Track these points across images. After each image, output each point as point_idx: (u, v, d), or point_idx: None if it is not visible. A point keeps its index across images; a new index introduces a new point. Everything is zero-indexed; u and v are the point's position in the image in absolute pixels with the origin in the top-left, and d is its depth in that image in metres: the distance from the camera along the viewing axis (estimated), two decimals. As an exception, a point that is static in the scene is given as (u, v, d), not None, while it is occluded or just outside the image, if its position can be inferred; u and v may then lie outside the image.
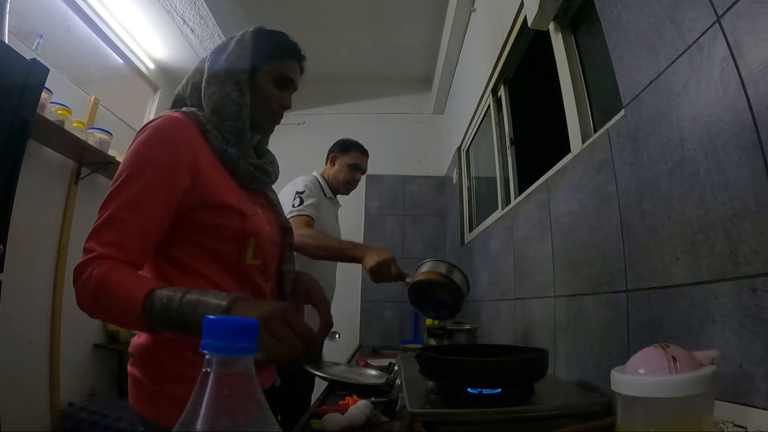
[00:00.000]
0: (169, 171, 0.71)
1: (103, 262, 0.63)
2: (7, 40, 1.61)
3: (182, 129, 0.75)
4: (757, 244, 0.53)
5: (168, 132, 0.73)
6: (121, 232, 0.67)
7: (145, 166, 0.70)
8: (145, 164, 0.70)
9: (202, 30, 2.56)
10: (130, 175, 0.69)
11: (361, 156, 1.94)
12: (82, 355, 2.22)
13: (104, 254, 0.64)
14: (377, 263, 1.43)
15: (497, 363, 0.86)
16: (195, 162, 0.73)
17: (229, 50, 0.84)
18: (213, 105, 0.81)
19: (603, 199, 0.92)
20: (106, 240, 0.66)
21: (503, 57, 1.82)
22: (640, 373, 0.46)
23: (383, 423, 0.90)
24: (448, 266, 1.39)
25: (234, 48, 0.84)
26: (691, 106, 0.66)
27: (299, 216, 1.62)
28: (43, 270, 2.01)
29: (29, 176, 1.80)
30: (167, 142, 0.72)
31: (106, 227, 0.67)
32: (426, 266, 1.41)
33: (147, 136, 0.72)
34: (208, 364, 0.31)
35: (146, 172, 0.69)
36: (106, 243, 0.65)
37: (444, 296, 1.37)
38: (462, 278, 1.37)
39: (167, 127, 0.74)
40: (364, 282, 3.22)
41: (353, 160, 1.91)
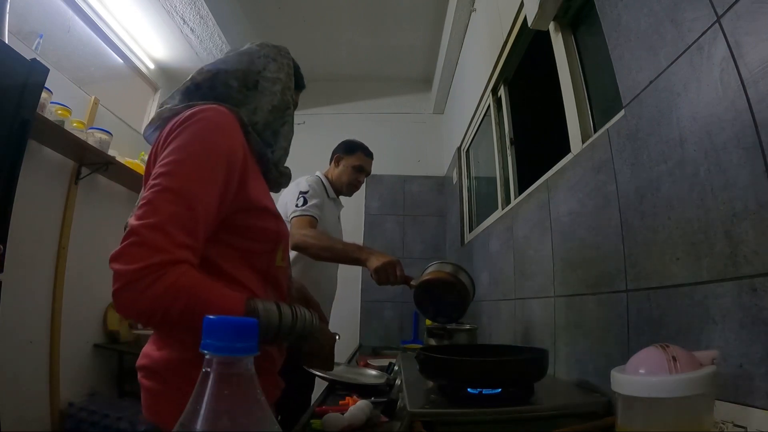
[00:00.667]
0: (230, 169, 0.68)
1: (185, 270, 0.59)
2: (7, 40, 1.61)
3: (235, 127, 0.72)
4: (757, 244, 0.53)
5: (226, 126, 0.70)
6: (193, 233, 0.62)
7: (208, 161, 0.66)
8: (208, 159, 0.66)
9: (202, 30, 2.56)
10: (196, 169, 0.64)
11: (366, 158, 1.94)
12: (82, 355, 2.22)
13: (179, 259, 0.59)
14: (382, 264, 1.42)
15: (497, 363, 0.86)
16: (243, 161, 0.71)
17: (278, 62, 0.86)
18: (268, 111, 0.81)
19: (603, 199, 0.92)
20: (181, 241, 0.60)
21: (503, 57, 1.82)
22: (640, 373, 0.46)
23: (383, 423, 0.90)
24: (454, 267, 1.39)
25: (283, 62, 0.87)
26: (691, 106, 0.66)
27: (303, 216, 1.62)
28: (43, 270, 2.01)
29: (29, 176, 1.80)
30: (226, 137, 0.69)
31: (178, 224, 0.60)
32: (432, 267, 1.41)
33: (205, 129, 0.67)
34: (208, 364, 0.31)
35: (211, 169, 0.65)
36: (181, 245, 0.59)
37: (450, 297, 1.36)
38: (468, 279, 1.37)
39: (225, 122, 0.70)
40: (364, 282, 3.21)
41: (358, 162, 1.90)
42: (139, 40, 2.68)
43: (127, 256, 0.57)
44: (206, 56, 2.81)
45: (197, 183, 0.63)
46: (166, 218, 0.59)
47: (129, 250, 0.57)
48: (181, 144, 0.65)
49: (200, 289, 0.59)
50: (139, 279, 0.55)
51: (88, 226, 2.26)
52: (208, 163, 0.66)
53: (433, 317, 1.45)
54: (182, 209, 0.61)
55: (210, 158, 0.66)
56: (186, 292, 0.57)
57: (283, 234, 0.79)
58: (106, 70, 2.61)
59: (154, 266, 0.56)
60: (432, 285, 1.35)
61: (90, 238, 2.27)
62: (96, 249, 2.33)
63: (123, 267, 0.56)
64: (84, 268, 2.21)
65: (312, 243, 1.52)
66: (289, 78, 0.87)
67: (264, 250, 0.76)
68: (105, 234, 2.40)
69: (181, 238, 0.60)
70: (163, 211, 0.60)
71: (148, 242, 0.57)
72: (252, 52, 0.85)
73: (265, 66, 0.84)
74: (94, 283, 2.31)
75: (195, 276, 0.60)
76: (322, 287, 1.75)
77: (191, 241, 0.61)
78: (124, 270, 0.56)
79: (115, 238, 0.60)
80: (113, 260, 0.57)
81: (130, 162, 2.38)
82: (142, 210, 0.60)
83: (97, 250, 2.34)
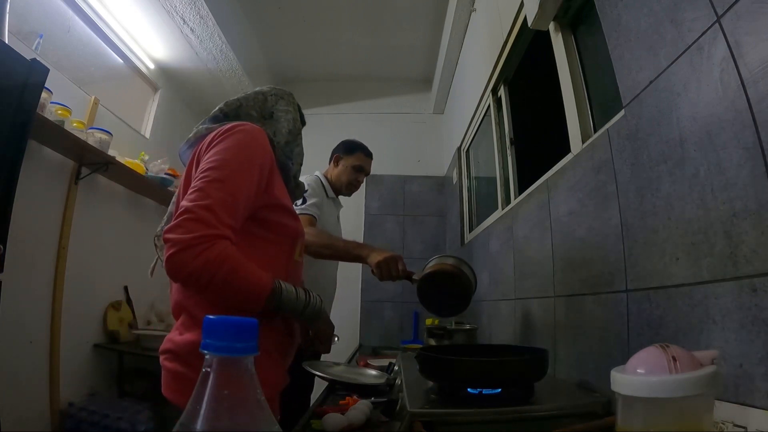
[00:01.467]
0: (262, 171, 0.82)
1: (228, 244, 0.72)
2: (7, 40, 1.61)
3: (266, 139, 0.88)
4: (757, 244, 0.53)
5: (260, 138, 0.85)
6: (235, 217, 0.75)
7: (249, 162, 0.80)
8: (249, 161, 0.80)
9: (202, 30, 2.55)
10: (238, 167, 0.78)
11: (365, 158, 1.94)
12: (82, 355, 2.22)
13: (225, 235, 0.72)
14: (384, 259, 1.44)
15: (497, 363, 0.86)
16: (271, 167, 0.86)
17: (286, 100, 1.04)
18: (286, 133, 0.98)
19: (603, 199, 0.92)
20: (226, 222, 0.73)
21: (503, 57, 1.82)
22: (640, 373, 0.46)
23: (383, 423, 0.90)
24: (456, 259, 1.40)
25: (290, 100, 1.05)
26: (691, 106, 0.66)
27: (302, 214, 1.62)
28: (43, 270, 2.01)
29: (29, 176, 1.80)
30: (260, 146, 0.84)
31: (224, 207, 0.73)
32: (434, 261, 1.41)
33: (245, 137, 0.83)
34: (208, 364, 0.31)
35: (249, 168, 0.79)
36: (226, 224, 0.72)
37: (453, 289, 1.36)
38: (470, 271, 1.38)
39: (258, 134, 0.86)
40: (364, 282, 3.22)
41: (358, 162, 1.90)
42: (139, 40, 2.68)
43: (183, 227, 0.69)
44: (206, 56, 2.81)
45: (239, 176, 0.77)
46: (215, 201, 0.72)
47: (185, 223, 0.69)
48: (226, 147, 0.80)
49: (240, 263, 0.72)
50: (194, 245, 0.68)
51: (88, 226, 2.26)
52: (246, 163, 0.80)
53: (437, 311, 1.45)
54: (227, 195, 0.74)
55: (248, 159, 0.80)
56: (229, 262, 0.70)
57: (300, 232, 0.92)
58: (106, 70, 2.61)
59: (207, 237, 0.69)
60: (435, 277, 1.36)
61: (90, 238, 2.27)
62: (96, 249, 2.33)
63: (179, 236, 0.68)
64: (84, 268, 2.21)
65: (312, 241, 1.52)
66: (297, 113, 1.05)
67: (283, 242, 0.88)
68: (105, 234, 2.40)
69: (226, 219, 0.73)
70: (213, 196, 0.73)
71: (201, 218, 0.70)
72: (265, 92, 1.02)
73: (276, 102, 1.02)
74: (94, 284, 2.31)
75: (236, 251, 0.73)
76: (322, 287, 1.75)
77: (233, 222, 0.74)
78: (180, 238, 0.68)
79: (115, 238, 0.61)
80: (169, 231, 0.69)
81: (130, 162, 2.38)
82: (194, 195, 0.73)
83: (97, 250, 2.34)
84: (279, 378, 0.88)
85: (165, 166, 2.64)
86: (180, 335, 0.80)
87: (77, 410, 2.02)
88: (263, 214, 0.84)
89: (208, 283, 0.70)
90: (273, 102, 1.02)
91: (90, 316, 2.30)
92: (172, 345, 0.80)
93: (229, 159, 0.78)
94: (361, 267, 3.25)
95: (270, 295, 0.76)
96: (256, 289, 0.75)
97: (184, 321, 0.82)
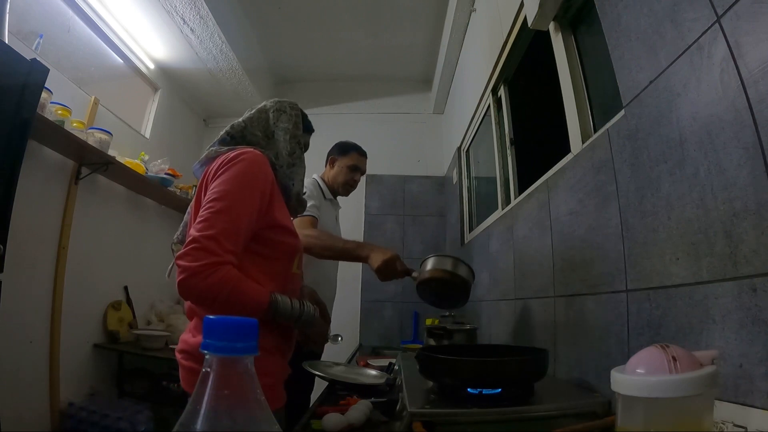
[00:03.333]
0: (262, 197, 0.91)
1: (230, 269, 0.82)
2: (7, 40, 1.61)
3: (267, 166, 0.96)
4: (757, 244, 0.53)
5: (262, 167, 0.94)
6: (236, 243, 0.85)
7: (250, 191, 0.90)
8: (250, 190, 0.90)
9: (202, 30, 2.55)
10: (240, 196, 0.88)
11: (360, 157, 1.94)
12: (82, 355, 2.22)
13: (228, 261, 0.82)
14: (383, 263, 1.46)
15: (497, 363, 0.86)
16: (272, 191, 0.95)
17: (288, 114, 1.10)
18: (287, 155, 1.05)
19: (603, 199, 0.92)
20: (228, 248, 0.82)
21: (503, 57, 1.82)
22: (640, 373, 0.46)
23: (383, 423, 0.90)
24: (452, 261, 1.41)
25: (292, 113, 1.11)
26: (691, 106, 0.66)
27: (302, 216, 1.63)
28: (43, 270, 2.01)
29: (29, 176, 1.80)
30: (261, 173, 0.93)
31: (226, 236, 0.83)
32: (430, 263, 1.43)
33: (246, 167, 0.91)
34: (208, 364, 0.31)
35: (250, 196, 0.89)
36: (228, 251, 0.82)
37: (451, 291, 1.41)
38: (467, 270, 1.40)
39: (260, 162, 0.94)
40: (364, 282, 3.22)
41: (352, 162, 1.91)
42: (139, 40, 2.68)
43: (190, 256, 0.79)
44: (206, 56, 2.81)
45: (240, 205, 0.87)
46: (219, 231, 0.82)
47: (192, 252, 0.80)
48: (229, 177, 0.89)
49: (239, 282, 0.82)
50: (199, 272, 0.78)
51: (88, 226, 2.26)
52: (247, 191, 0.89)
53: (437, 305, 1.53)
54: (229, 225, 0.84)
55: (248, 187, 0.90)
56: (230, 284, 0.80)
57: (297, 248, 1.01)
58: (106, 70, 2.61)
59: (210, 265, 0.79)
60: (432, 282, 1.39)
61: (90, 238, 2.27)
62: (96, 249, 2.33)
63: (187, 264, 0.79)
64: (84, 268, 2.21)
65: (314, 243, 1.54)
66: (297, 127, 1.11)
67: (282, 258, 0.97)
68: (105, 234, 2.39)
69: (228, 246, 0.82)
70: (217, 226, 0.82)
71: (206, 248, 0.80)
72: (267, 109, 1.10)
73: (278, 118, 1.08)
74: (94, 284, 2.31)
75: (237, 274, 0.83)
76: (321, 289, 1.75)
77: (234, 248, 0.84)
78: (188, 266, 0.79)
79: (115, 238, 0.62)
80: (180, 258, 0.80)
81: (130, 162, 2.38)
82: (201, 225, 0.83)
83: (97, 250, 2.34)
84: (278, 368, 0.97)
85: (165, 166, 2.64)
86: (193, 337, 0.92)
87: (77, 410, 2.01)
88: (265, 233, 0.94)
89: (212, 302, 0.81)
90: (275, 119, 1.09)
91: (90, 316, 2.30)
92: (187, 346, 0.91)
93: (231, 189, 0.87)
94: (361, 267, 3.25)
95: (267, 309, 0.86)
96: (255, 305, 0.85)
97: (196, 324, 0.94)
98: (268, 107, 1.10)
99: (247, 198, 0.89)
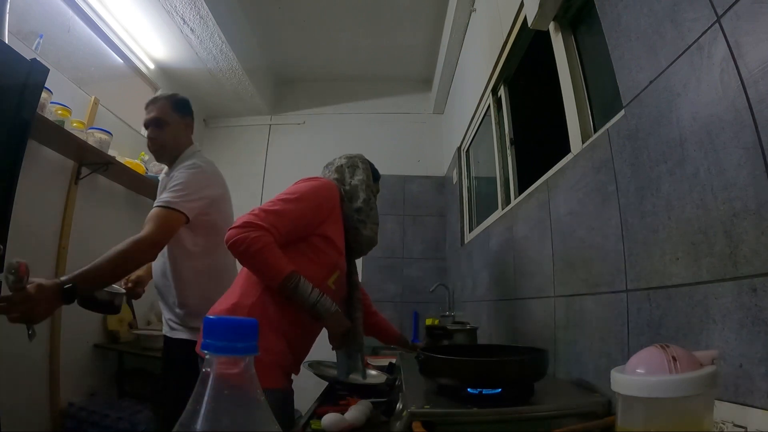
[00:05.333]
0: (318, 211, 1.15)
1: (267, 233, 1.02)
2: (7, 40, 1.61)
3: (334, 193, 1.22)
4: (757, 244, 0.53)
5: (329, 190, 1.21)
6: (280, 223, 1.06)
7: (307, 201, 1.13)
8: (307, 201, 1.14)
9: (202, 30, 2.55)
10: (299, 199, 1.12)
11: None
12: (82, 355, 2.22)
13: (267, 227, 1.03)
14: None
15: (497, 363, 0.86)
16: (330, 213, 1.18)
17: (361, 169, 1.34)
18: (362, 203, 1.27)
19: (603, 199, 0.92)
20: (271, 221, 1.04)
21: (503, 57, 1.82)
22: (640, 373, 0.46)
23: (383, 423, 0.91)
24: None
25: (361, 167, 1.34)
26: (691, 106, 0.66)
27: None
28: (43, 270, 2.01)
29: (29, 176, 1.80)
30: (325, 195, 1.18)
31: (274, 214, 1.06)
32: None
33: (314, 184, 1.18)
34: (208, 364, 0.31)
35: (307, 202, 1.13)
36: (270, 223, 1.03)
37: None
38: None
39: (329, 188, 1.21)
40: (364, 282, 3.21)
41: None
42: (139, 40, 2.68)
43: (240, 219, 1.04)
44: (206, 56, 2.81)
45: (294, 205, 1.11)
46: (268, 209, 1.07)
47: (242, 217, 1.04)
48: (297, 188, 1.16)
49: (269, 246, 1.02)
50: (242, 226, 1.01)
51: (88, 226, 2.26)
52: (305, 200, 1.13)
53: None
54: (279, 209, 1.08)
55: (307, 198, 1.14)
56: (260, 243, 1.00)
57: (339, 266, 1.19)
58: (106, 70, 2.61)
59: (250, 224, 1.02)
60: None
61: (90, 238, 2.27)
62: (96, 249, 2.32)
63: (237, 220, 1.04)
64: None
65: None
66: (369, 178, 1.33)
67: (323, 267, 1.14)
68: (105, 234, 2.39)
69: (271, 220, 1.04)
70: (269, 208, 1.07)
71: (255, 214, 1.05)
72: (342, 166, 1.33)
73: (353, 174, 1.31)
74: (94, 283, 2.30)
75: (270, 240, 1.03)
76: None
77: (276, 224, 1.05)
78: (236, 221, 1.04)
79: (114, 238, 0.62)
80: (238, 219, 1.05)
81: (130, 162, 2.38)
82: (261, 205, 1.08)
83: (97, 250, 2.33)
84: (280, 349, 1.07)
85: (165, 167, 2.64)
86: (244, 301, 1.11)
87: (77, 410, 2.02)
88: (313, 240, 1.14)
89: (245, 250, 1.00)
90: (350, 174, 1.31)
91: (90, 316, 2.29)
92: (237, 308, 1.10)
93: (292, 193, 1.13)
94: (362, 267, 3.25)
95: (284, 280, 1.01)
96: (275, 271, 1.02)
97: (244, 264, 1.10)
98: (343, 165, 1.33)
99: (302, 202, 1.11)
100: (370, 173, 1.35)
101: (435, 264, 3.24)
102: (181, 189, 1.34)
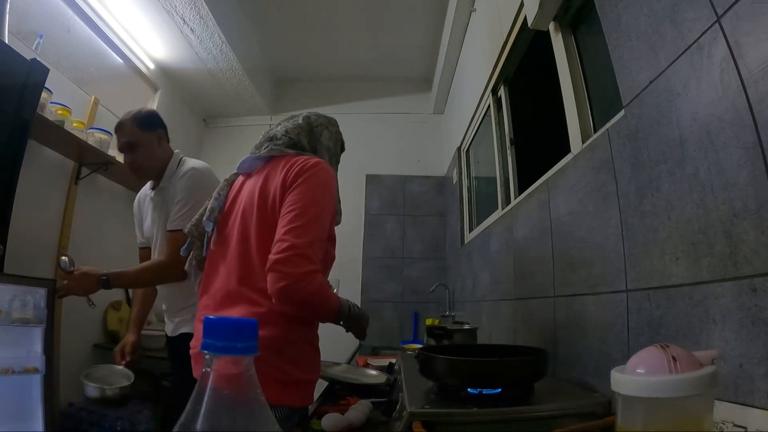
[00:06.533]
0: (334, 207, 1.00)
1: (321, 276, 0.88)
2: (7, 40, 1.61)
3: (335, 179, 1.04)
4: (757, 244, 0.53)
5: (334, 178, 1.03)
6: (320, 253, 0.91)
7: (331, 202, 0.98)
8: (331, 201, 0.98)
9: (202, 30, 2.55)
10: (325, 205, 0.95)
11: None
12: (82, 355, 2.22)
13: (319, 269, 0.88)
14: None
15: (497, 363, 0.86)
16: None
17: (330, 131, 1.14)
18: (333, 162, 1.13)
19: (603, 199, 0.92)
20: (319, 257, 0.89)
21: (503, 57, 1.82)
22: (640, 373, 0.46)
23: (383, 423, 0.91)
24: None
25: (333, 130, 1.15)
26: (691, 106, 0.66)
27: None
28: (43, 270, 2.01)
29: (29, 176, 1.80)
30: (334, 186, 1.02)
31: (319, 244, 0.90)
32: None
33: (328, 178, 0.98)
34: (208, 364, 0.31)
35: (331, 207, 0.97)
36: (319, 259, 0.89)
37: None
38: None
39: (333, 174, 1.02)
40: (364, 282, 3.22)
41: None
42: (139, 40, 2.68)
43: (292, 263, 0.83)
44: (206, 56, 2.81)
45: (327, 215, 0.94)
46: (313, 239, 0.88)
47: (294, 259, 0.84)
48: (316, 185, 0.95)
49: (326, 289, 0.90)
50: (302, 279, 0.83)
51: (88, 226, 2.26)
52: (330, 202, 0.97)
53: None
54: (320, 233, 0.91)
55: (331, 199, 0.98)
56: (324, 291, 0.89)
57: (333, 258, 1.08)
58: (106, 70, 2.61)
59: (311, 273, 0.85)
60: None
61: (90, 238, 2.26)
62: (96, 249, 2.33)
63: (292, 270, 0.83)
64: (84, 268, 2.21)
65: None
66: (336, 146, 1.15)
67: (327, 267, 1.04)
68: (105, 234, 2.39)
69: (320, 254, 0.89)
70: (312, 234, 0.88)
71: (305, 255, 0.85)
72: (312, 122, 1.12)
73: (321, 134, 1.12)
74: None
75: (324, 280, 0.92)
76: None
77: (321, 255, 0.91)
78: (293, 272, 0.83)
79: (115, 238, 0.61)
80: (280, 263, 0.83)
81: (130, 162, 2.38)
82: (298, 231, 0.87)
83: (97, 250, 2.34)
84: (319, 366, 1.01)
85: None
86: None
87: (77, 410, 2.02)
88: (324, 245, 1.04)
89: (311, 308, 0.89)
90: (318, 134, 1.12)
91: (90, 316, 2.30)
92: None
93: (319, 199, 0.94)
94: (361, 267, 3.25)
95: (338, 311, 0.94)
96: (333, 309, 0.93)
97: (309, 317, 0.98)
98: (312, 120, 1.13)
99: (330, 208, 0.97)
100: (340, 141, 1.19)
101: (435, 264, 3.24)
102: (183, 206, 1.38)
